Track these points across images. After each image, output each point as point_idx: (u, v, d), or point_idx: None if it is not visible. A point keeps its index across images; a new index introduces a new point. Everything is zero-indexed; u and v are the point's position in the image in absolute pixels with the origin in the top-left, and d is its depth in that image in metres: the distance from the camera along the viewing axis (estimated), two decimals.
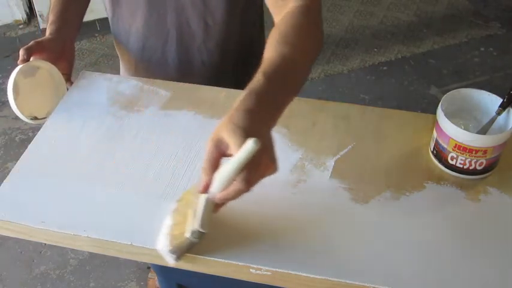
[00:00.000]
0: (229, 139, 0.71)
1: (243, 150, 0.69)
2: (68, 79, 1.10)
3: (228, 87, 1.07)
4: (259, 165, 0.71)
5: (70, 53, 1.10)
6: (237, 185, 0.71)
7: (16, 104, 0.99)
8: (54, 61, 1.04)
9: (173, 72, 1.16)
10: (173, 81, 1.10)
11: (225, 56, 1.15)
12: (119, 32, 1.17)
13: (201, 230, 0.75)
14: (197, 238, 0.76)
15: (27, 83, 1.01)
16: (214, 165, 0.73)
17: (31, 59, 1.01)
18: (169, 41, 1.12)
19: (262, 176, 0.73)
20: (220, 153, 0.73)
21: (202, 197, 0.75)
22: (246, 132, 0.70)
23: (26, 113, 1.01)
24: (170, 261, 0.79)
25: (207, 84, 1.08)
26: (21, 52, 1.00)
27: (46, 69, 1.03)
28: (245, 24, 1.14)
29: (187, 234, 0.76)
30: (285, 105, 0.79)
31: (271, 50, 0.82)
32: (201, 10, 1.06)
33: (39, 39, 1.04)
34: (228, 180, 0.72)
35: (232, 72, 1.18)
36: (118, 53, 1.25)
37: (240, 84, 1.08)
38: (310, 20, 0.88)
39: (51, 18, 1.09)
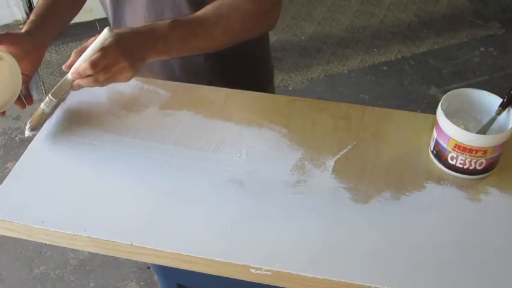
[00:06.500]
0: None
1: (98, 36, 0.86)
2: (26, 81, 1.03)
3: (231, 85, 1.07)
4: (111, 59, 0.87)
5: (38, 57, 1.05)
6: (84, 64, 0.87)
7: None
8: (19, 58, 0.98)
9: (178, 71, 1.16)
10: (178, 81, 1.09)
11: (225, 51, 1.15)
12: None
13: (51, 98, 0.92)
14: (48, 107, 0.94)
15: None
16: (83, 51, 0.88)
17: None
18: None
19: (114, 75, 0.89)
20: None
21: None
22: (121, 39, 0.87)
23: None
24: (26, 133, 0.95)
25: (211, 83, 1.08)
26: None
27: (7, 63, 0.97)
28: None
29: (41, 105, 0.92)
30: (176, 52, 0.94)
31: (200, 11, 0.96)
32: (197, 7, 1.06)
33: (12, 32, 1.00)
34: (83, 60, 0.88)
35: (234, 67, 1.18)
36: None
37: (238, 83, 1.09)
38: (256, 4, 0.97)
39: (31, 17, 1.06)
